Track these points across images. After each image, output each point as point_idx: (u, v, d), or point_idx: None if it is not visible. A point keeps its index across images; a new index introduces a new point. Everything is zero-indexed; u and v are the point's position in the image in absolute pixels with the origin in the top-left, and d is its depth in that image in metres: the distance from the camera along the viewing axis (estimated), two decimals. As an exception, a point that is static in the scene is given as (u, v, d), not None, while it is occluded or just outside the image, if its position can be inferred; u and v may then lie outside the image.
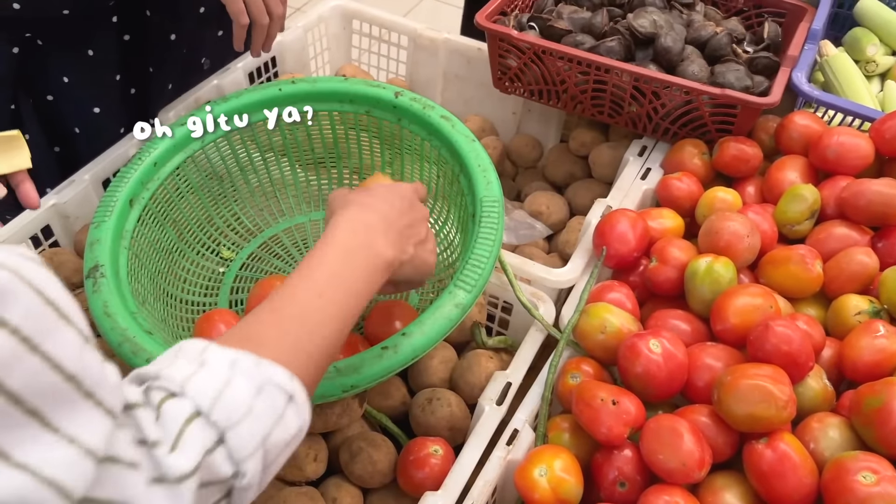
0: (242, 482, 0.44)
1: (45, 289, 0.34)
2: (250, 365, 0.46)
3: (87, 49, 1.02)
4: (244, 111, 0.90)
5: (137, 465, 0.39)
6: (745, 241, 0.84)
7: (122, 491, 0.38)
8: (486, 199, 0.76)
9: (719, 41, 1.08)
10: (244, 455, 0.43)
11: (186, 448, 0.41)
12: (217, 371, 0.45)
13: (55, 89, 1.05)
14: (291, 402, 0.47)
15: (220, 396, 0.44)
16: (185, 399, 0.43)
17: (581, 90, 1.08)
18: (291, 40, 1.25)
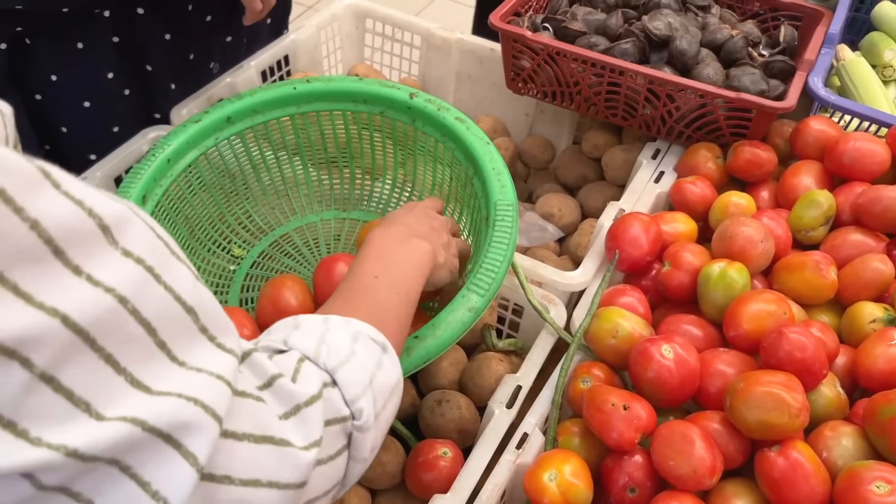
0: (359, 422, 0.46)
1: (154, 226, 0.36)
2: (340, 322, 0.50)
3: (76, 43, 1.01)
4: (259, 109, 0.90)
5: (266, 401, 0.41)
6: (759, 246, 0.84)
7: (257, 422, 0.39)
8: (500, 202, 0.76)
9: (735, 44, 1.07)
10: (355, 394, 0.46)
11: (305, 378, 0.44)
12: (312, 326, 0.48)
13: (43, 88, 1.04)
14: (385, 351, 0.50)
15: (322, 344, 0.47)
16: (292, 352, 0.46)
17: (595, 92, 1.07)
18: (304, 39, 1.24)
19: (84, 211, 0.31)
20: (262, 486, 0.38)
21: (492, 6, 1.14)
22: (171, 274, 0.35)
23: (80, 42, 1.00)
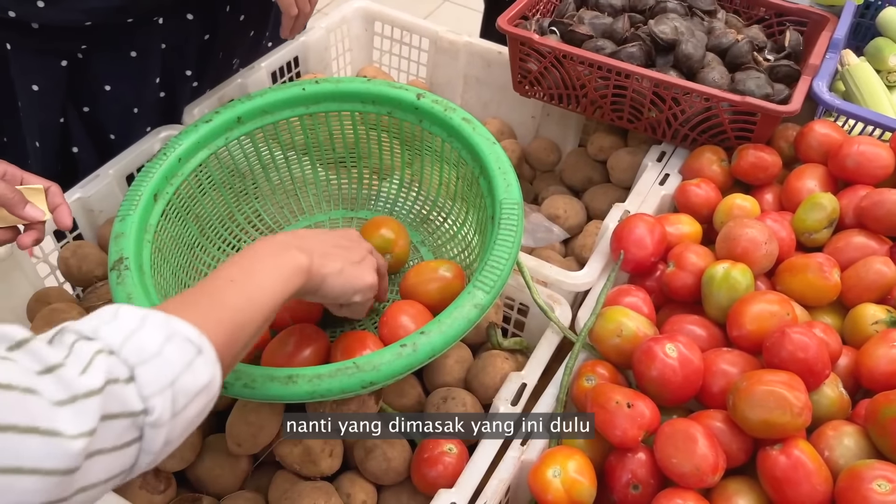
0: (150, 418, 0.46)
1: None
2: (159, 320, 0.50)
3: (130, 51, 1.03)
4: (268, 110, 0.91)
5: (35, 390, 0.41)
6: (762, 248, 0.85)
7: (22, 415, 0.40)
8: (505, 201, 0.77)
9: (740, 49, 1.08)
10: (152, 391, 0.46)
11: (93, 371, 0.44)
12: (128, 321, 0.49)
13: (96, 99, 1.06)
14: (200, 353, 0.51)
15: (130, 338, 0.48)
16: (97, 341, 0.46)
17: (601, 95, 1.08)
18: (314, 40, 1.26)
19: None
20: (24, 472, 0.39)
21: (499, 10, 1.15)
22: None
23: (134, 51, 1.02)
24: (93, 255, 0.94)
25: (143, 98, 1.08)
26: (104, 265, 0.94)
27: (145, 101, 1.09)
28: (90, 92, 1.05)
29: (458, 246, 0.94)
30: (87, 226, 0.98)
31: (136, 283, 0.74)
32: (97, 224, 0.99)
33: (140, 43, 1.02)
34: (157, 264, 0.81)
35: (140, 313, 0.50)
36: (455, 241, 0.95)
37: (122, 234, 0.78)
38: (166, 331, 0.49)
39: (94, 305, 0.90)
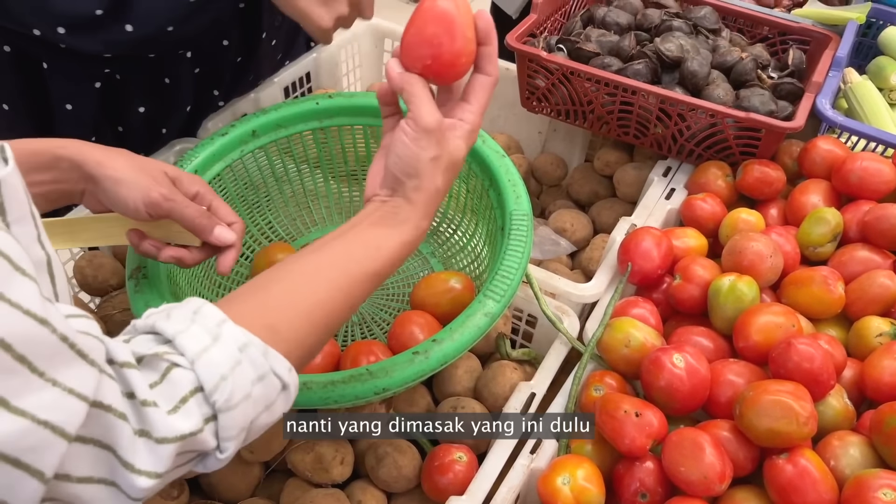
0: (220, 455, 0.48)
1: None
2: (258, 354, 0.49)
3: (163, 78, 1.05)
4: (283, 123, 0.93)
5: (125, 415, 0.42)
6: (767, 261, 0.86)
7: (108, 434, 0.41)
8: (515, 212, 0.79)
9: (744, 66, 1.10)
10: (230, 435, 0.47)
11: (185, 415, 0.44)
12: (228, 351, 0.47)
13: (129, 119, 1.08)
14: (284, 390, 0.51)
15: (225, 379, 0.46)
16: (193, 373, 0.46)
17: (608, 111, 1.10)
18: (326, 57, 1.28)
19: None
20: (93, 482, 0.41)
21: (504, 28, 1.18)
22: (12, 289, 0.35)
23: (167, 77, 1.03)
24: (108, 264, 0.96)
25: (172, 119, 1.11)
26: (119, 275, 0.96)
27: (174, 122, 1.11)
28: (125, 112, 1.07)
29: (467, 257, 0.95)
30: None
31: (154, 291, 0.75)
32: (113, 234, 1.01)
33: (172, 70, 1.03)
34: (174, 273, 0.82)
35: (242, 339, 0.48)
36: (464, 252, 0.96)
37: (140, 243, 0.79)
38: (262, 369, 0.49)
39: (110, 314, 0.92)
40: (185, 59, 1.03)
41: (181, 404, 0.44)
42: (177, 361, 0.46)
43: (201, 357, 0.46)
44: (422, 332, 0.83)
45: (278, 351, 0.50)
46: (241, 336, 0.48)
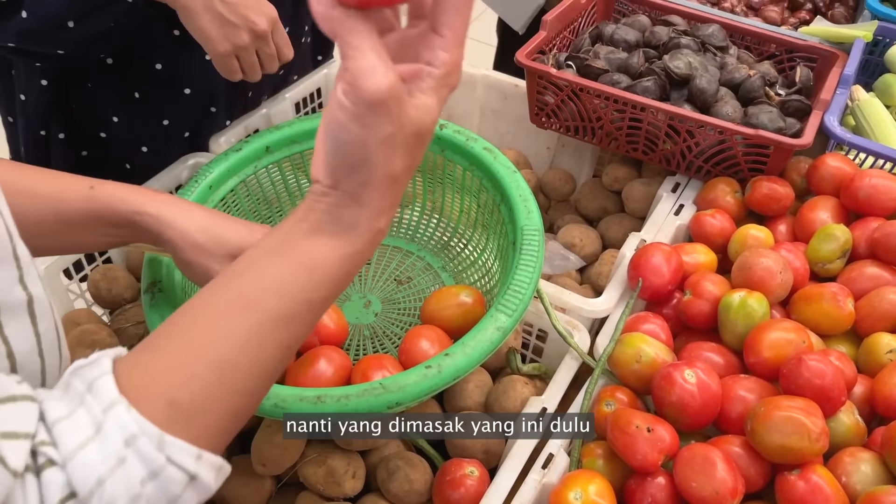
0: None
1: None
2: (150, 447, 0.39)
3: (133, 92, 1.06)
4: (296, 139, 0.94)
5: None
6: (777, 277, 0.86)
7: None
8: (526, 227, 0.79)
9: (752, 84, 1.11)
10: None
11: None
12: (110, 446, 0.38)
13: (107, 127, 1.10)
14: (193, 481, 0.41)
15: (102, 484, 0.38)
16: (66, 474, 0.38)
17: (616, 127, 1.11)
18: (336, 73, 1.29)
19: None
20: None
21: (512, 45, 1.19)
22: None
23: (137, 92, 1.05)
24: (122, 278, 0.97)
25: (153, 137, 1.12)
26: (133, 288, 0.96)
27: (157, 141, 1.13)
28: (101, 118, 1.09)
29: (478, 272, 0.96)
30: (116, 249, 1.01)
31: (169, 306, 0.76)
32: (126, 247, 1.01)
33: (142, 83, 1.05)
34: (188, 288, 0.83)
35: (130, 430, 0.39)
36: (475, 266, 0.97)
37: (156, 258, 0.80)
38: (156, 464, 0.39)
39: (123, 327, 0.92)
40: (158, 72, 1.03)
41: None
42: (52, 458, 0.38)
43: (76, 455, 0.38)
44: (432, 347, 0.84)
45: (182, 432, 0.40)
46: (129, 425, 0.39)
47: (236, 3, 0.87)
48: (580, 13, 1.30)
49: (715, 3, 1.48)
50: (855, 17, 1.51)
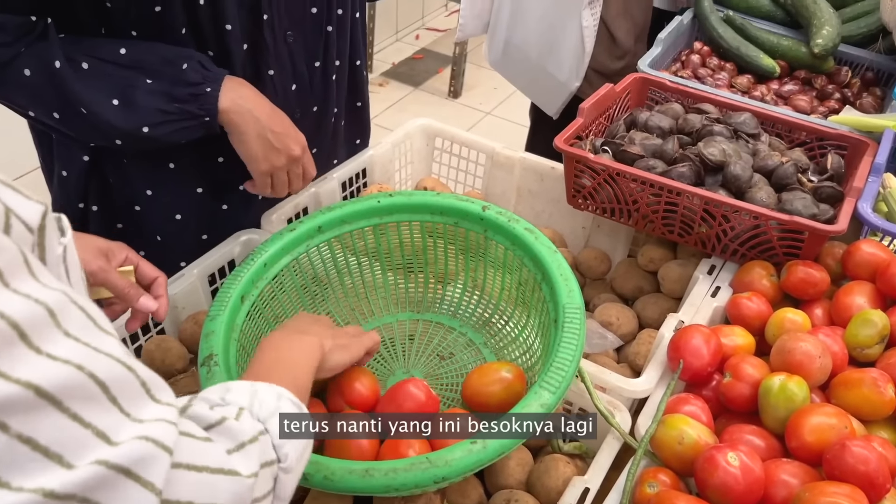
0: (284, 464, 0.56)
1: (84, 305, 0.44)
2: (265, 385, 0.62)
3: (168, 163, 1.12)
4: (346, 220, 0.99)
5: (214, 440, 0.50)
6: (817, 361, 0.88)
7: (209, 456, 0.48)
8: (568, 306, 0.82)
9: (785, 171, 1.14)
10: (281, 441, 0.57)
11: (245, 422, 0.55)
12: (243, 388, 0.60)
13: (140, 200, 1.14)
14: (301, 409, 0.62)
15: (254, 398, 0.59)
16: (230, 405, 0.57)
17: (653, 210, 1.15)
18: (380, 154, 1.36)
19: (34, 302, 0.40)
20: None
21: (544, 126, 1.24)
22: (104, 345, 0.43)
23: (172, 163, 1.10)
24: (175, 349, 1.00)
25: (187, 206, 1.16)
26: (184, 359, 1.00)
27: (192, 210, 1.17)
28: (133, 192, 1.14)
29: (519, 348, 0.98)
30: (170, 321, 1.05)
31: (224, 378, 0.79)
32: (180, 320, 1.06)
33: (177, 156, 1.11)
34: (242, 361, 0.86)
35: (247, 382, 0.61)
36: (516, 343, 0.99)
37: (213, 332, 0.84)
38: (274, 392, 0.60)
39: (175, 397, 0.95)
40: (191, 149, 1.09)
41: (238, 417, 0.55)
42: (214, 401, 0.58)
43: (226, 394, 0.59)
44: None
45: None
46: (246, 382, 0.62)
47: (280, 132, 1.01)
48: (615, 101, 1.36)
49: (745, 92, 1.53)
50: (883, 106, 1.55)
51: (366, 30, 1.27)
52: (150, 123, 0.95)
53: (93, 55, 0.93)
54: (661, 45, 1.54)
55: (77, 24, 0.95)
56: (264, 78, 1.07)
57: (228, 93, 0.97)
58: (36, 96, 0.93)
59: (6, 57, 0.90)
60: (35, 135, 1.16)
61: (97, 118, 0.94)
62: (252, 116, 0.99)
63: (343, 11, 1.13)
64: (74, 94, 0.92)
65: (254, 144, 1.00)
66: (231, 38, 0.99)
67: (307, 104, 1.17)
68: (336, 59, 1.17)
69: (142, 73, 0.94)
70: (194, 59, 0.96)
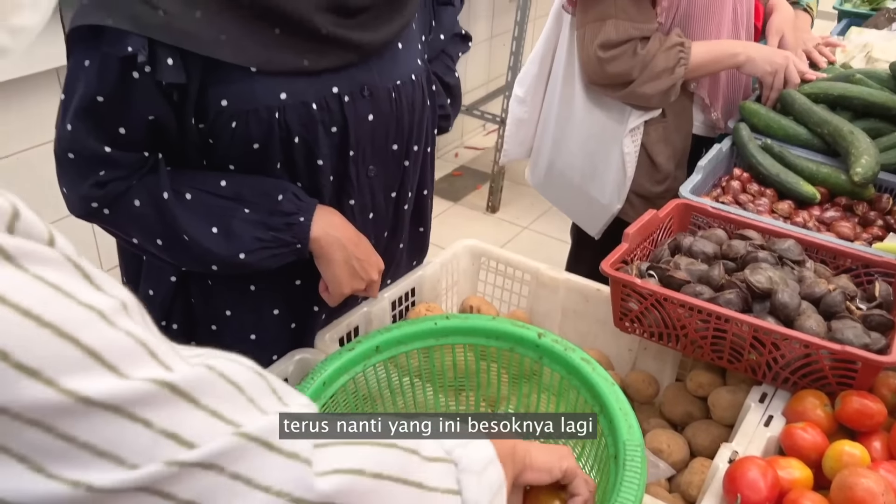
0: None
1: None
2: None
3: (250, 286, 1.18)
4: (403, 341, 1.01)
5: None
6: (879, 499, 0.86)
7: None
8: (628, 442, 0.82)
9: (833, 298, 1.15)
10: None
11: None
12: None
13: (219, 320, 1.20)
14: None
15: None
16: None
17: (701, 336, 1.16)
18: (429, 275, 1.40)
19: None
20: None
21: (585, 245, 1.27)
22: None
23: (254, 285, 1.17)
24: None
25: (262, 328, 1.21)
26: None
27: (265, 331, 1.22)
28: (214, 312, 1.20)
29: (572, 478, 0.98)
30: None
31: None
32: (234, 437, 1.07)
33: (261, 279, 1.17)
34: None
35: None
36: (569, 473, 0.99)
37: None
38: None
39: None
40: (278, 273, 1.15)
41: None
42: None
43: None
44: None
45: None
46: None
47: (363, 258, 1.09)
48: (659, 226, 1.40)
49: (787, 218, 1.56)
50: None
51: (434, 162, 1.36)
52: (247, 250, 1.02)
53: (196, 187, 1.02)
54: (702, 171, 1.59)
55: (183, 158, 1.04)
56: (346, 207, 1.15)
57: (319, 221, 1.05)
58: (143, 225, 1.02)
59: (120, 189, 0.99)
60: (123, 256, 1.23)
61: (198, 246, 1.01)
62: (339, 244, 1.07)
63: (418, 147, 1.22)
64: (178, 223, 1.00)
65: (339, 270, 1.09)
66: (321, 172, 1.08)
67: (380, 230, 1.25)
68: (409, 191, 1.25)
69: (240, 204, 1.02)
70: (289, 190, 1.04)
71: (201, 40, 0.93)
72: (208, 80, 0.97)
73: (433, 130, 1.29)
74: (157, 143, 1.02)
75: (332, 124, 1.06)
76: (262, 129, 1.01)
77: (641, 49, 1.66)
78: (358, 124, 1.08)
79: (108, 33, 0.90)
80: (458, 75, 1.37)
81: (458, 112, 1.42)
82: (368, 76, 1.08)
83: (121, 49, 0.90)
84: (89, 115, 0.95)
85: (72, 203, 1.04)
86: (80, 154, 0.98)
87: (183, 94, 0.97)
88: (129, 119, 0.97)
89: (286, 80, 1.00)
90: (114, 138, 0.98)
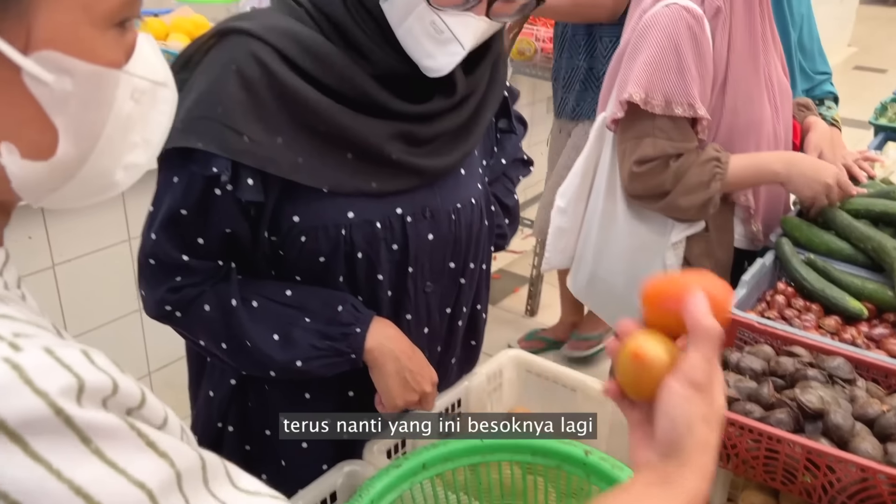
0: None
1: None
2: None
3: (304, 393, 1.21)
4: (450, 457, 1.02)
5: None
6: None
7: None
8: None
9: (888, 420, 1.13)
10: None
11: None
12: None
13: (273, 426, 1.22)
14: None
15: None
16: None
17: (752, 456, 1.14)
18: (475, 385, 1.41)
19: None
20: None
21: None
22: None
23: (308, 392, 1.20)
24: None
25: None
26: None
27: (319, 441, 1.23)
28: (267, 416, 1.22)
29: None
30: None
31: None
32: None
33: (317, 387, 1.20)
34: None
35: None
36: None
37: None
38: None
39: None
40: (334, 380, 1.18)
41: None
42: None
43: None
44: None
45: None
46: None
47: (416, 370, 1.12)
48: (704, 340, 1.39)
49: (834, 334, 1.55)
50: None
51: (490, 278, 1.40)
52: (304, 358, 1.06)
53: (262, 295, 1.08)
54: (746, 286, 1.60)
55: (253, 267, 1.11)
56: (402, 321, 1.19)
57: (375, 333, 1.09)
58: (211, 329, 1.08)
59: (193, 294, 1.06)
60: (190, 356, 1.28)
61: (259, 352, 1.06)
62: (393, 356, 1.10)
63: (475, 265, 1.27)
64: (243, 329, 1.05)
65: (392, 381, 1.11)
66: (380, 286, 1.13)
67: (434, 345, 1.28)
68: (464, 306, 1.29)
69: (302, 313, 1.07)
70: (348, 302, 1.09)
71: (281, 165, 1.01)
72: (284, 198, 1.05)
73: (490, 248, 1.34)
74: (231, 253, 1.10)
75: (394, 242, 1.12)
76: (329, 244, 1.07)
77: (674, 163, 1.70)
78: (418, 243, 1.14)
79: (197, 154, 0.99)
80: (516, 197, 1.43)
81: (516, 231, 1.46)
82: (431, 199, 1.15)
83: (207, 169, 0.98)
84: (172, 226, 1.04)
85: (148, 305, 1.12)
86: (161, 261, 1.06)
87: (259, 210, 1.05)
88: (208, 231, 1.05)
89: (354, 200, 1.08)
90: (192, 248, 1.06)
